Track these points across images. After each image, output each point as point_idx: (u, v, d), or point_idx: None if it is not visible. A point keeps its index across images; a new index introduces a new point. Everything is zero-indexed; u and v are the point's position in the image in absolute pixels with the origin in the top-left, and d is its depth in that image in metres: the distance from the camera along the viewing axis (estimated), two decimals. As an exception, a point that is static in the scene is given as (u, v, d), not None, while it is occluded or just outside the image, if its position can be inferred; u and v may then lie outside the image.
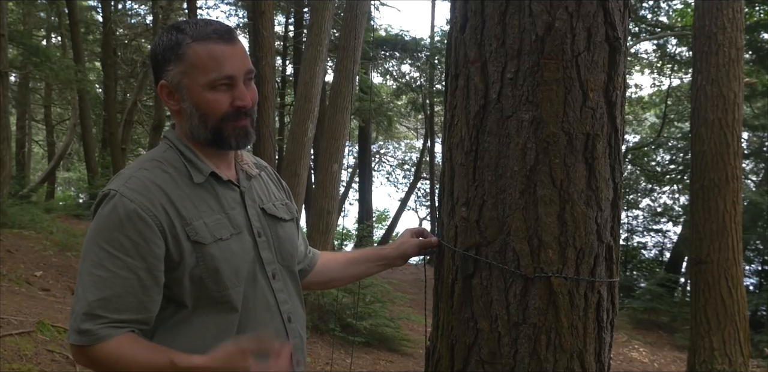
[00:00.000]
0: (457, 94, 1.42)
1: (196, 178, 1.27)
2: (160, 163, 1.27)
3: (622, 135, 1.39)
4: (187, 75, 1.24)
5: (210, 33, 1.24)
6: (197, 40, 1.23)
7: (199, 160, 1.29)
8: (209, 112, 1.25)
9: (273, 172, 1.53)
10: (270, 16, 8.06)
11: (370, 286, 6.93)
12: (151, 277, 1.18)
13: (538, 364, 1.29)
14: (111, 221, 1.18)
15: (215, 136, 1.27)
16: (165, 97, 1.29)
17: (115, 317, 1.16)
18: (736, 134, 5.10)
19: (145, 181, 1.22)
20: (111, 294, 1.15)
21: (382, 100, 17.90)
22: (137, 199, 1.19)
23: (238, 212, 1.31)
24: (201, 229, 1.23)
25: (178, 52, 1.24)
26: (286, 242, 1.40)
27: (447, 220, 1.44)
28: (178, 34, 1.25)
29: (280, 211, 1.42)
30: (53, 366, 3.81)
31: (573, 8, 1.28)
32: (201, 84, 1.24)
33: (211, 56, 1.23)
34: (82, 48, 14.09)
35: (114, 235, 1.17)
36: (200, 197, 1.27)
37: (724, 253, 5.00)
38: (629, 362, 8.06)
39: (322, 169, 7.52)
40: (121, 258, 1.16)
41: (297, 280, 1.43)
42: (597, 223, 1.32)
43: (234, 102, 1.26)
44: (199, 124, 1.27)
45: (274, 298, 1.33)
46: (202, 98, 1.24)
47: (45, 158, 21.22)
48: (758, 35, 11.39)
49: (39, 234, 8.07)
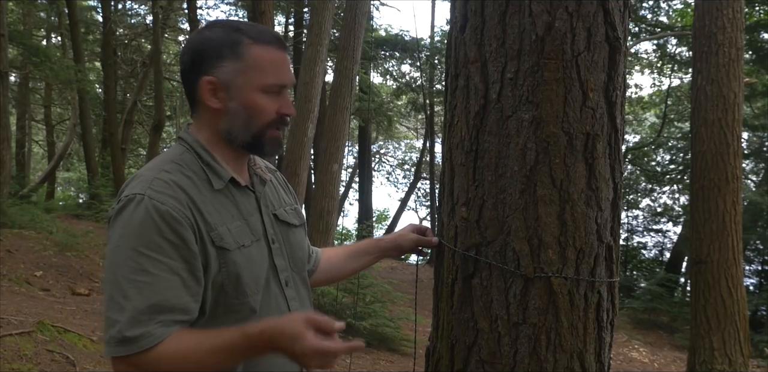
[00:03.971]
0: (457, 94, 1.42)
1: (216, 184, 1.24)
2: (180, 166, 1.23)
3: (622, 135, 1.39)
4: (244, 74, 1.22)
5: (271, 38, 1.24)
6: (258, 43, 1.23)
7: (218, 164, 1.26)
8: (257, 115, 1.24)
9: (281, 176, 1.51)
10: (270, 16, 8.05)
11: (370, 286, 6.93)
12: (194, 278, 1.15)
13: (538, 364, 1.28)
14: (145, 224, 1.13)
15: (255, 141, 1.26)
16: (207, 93, 1.24)
17: (165, 317, 1.12)
18: (736, 134, 5.10)
19: (171, 184, 1.18)
20: (160, 299, 1.11)
21: (382, 100, 17.91)
22: (168, 202, 1.15)
23: (256, 219, 1.30)
24: (226, 235, 1.21)
25: (237, 50, 1.22)
26: (297, 249, 1.39)
27: (447, 220, 1.44)
28: (234, 33, 1.23)
29: (291, 217, 1.40)
30: (53, 366, 3.81)
31: (573, 8, 1.28)
32: (257, 86, 1.22)
33: (272, 61, 1.23)
34: (82, 48, 14.10)
35: (152, 237, 1.13)
36: (221, 203, 1.24)
37: (724, 253, 5.00)
38: (629, 362, 8.06)
39: (322, 169, 7.53)
40: (164, 261, 1.12)
41: (308, 287, 1.42)
42: (597, 223, 1.32)
43: (281, 109, 1.25)
44: (242, 126, 1.25)
45: (287, 306, 1.31)
46: (254, 100, 1.23)
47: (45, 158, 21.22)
48: (758, 35, 11.39)
49: (39, 234, 8.07)
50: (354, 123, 16.56)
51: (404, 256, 1.81)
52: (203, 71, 1.23)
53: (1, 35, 8.64)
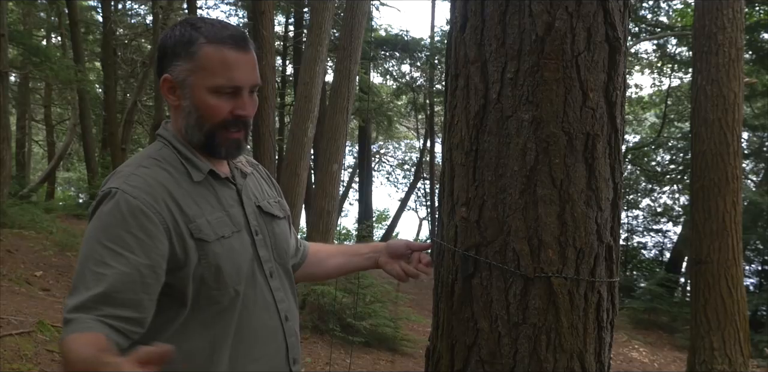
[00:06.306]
0: (457, 94, 1.42)
1: (195, 177, 1.26)
2: (158, 161, 1.26)
3: (622, 135, 1.39)
4: (194, 74, 1.23)
5: (226, 37, 1.23)
6: (211, 42, 1.22)
7: (197, 157, 1.28)
8: (207, 116, 1.24)
9: (263, 170, 1.53)
10: (270, 16, 8.05)
11: (370, 286, 6.93)
12: (154, 275, 1.15)
13: (538, 364, 1.28)
14: (113, 218, 1.15)
15: (207, 141, 1.26)
16: (166, 90, 1.27)
17: (110, 312, 1.10)
18: (736, 134, 5.10)
19: (147, 179, 1.20)
20: (111, 289, 1.10)
21: (382, 100, 17.91)
22: (140, 196, 1.17)
23: (237, 210, 1.31)
24: (204, 226, 1.22)
25: (189, 49, 1.22)
26: (281, 240, 1.40)
27: (447, 220, 1.44)
28: (192, 31, 1.23)
29: (275, 209, 1.41)
30: (53, 366, 3.81)
31: (573, 8, 1.28)
32: (206, 86, 1.23)
33: (223, 61, 1.22)
34: (82, 48, 14.09)
35: (117, 232, 1.14)
36: (201, 195, 1.26)
37: (724, 253, 5.00)
38: (629, 362, 8.06)
39: (322, 169, 7.53)
40: (125, 255, 1.13)
41: (292, 278, 1.43)
42: (597, 223, 1.32)
43: (235, 110, 1.24)
44: (194, 125, 1.26)
45: (272, 297, 1.32)
46: (204, 101, 1.23)
47: (45, 158, 21.20)
48: (758, 35, 11.39)
49: (39, 234, 8.06)
50: (354, 123, 16.56)
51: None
52: (163, 69, 1.26)
53: (1, 35, 8.64)
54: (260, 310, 1.29)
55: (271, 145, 7.71)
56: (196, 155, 1.28)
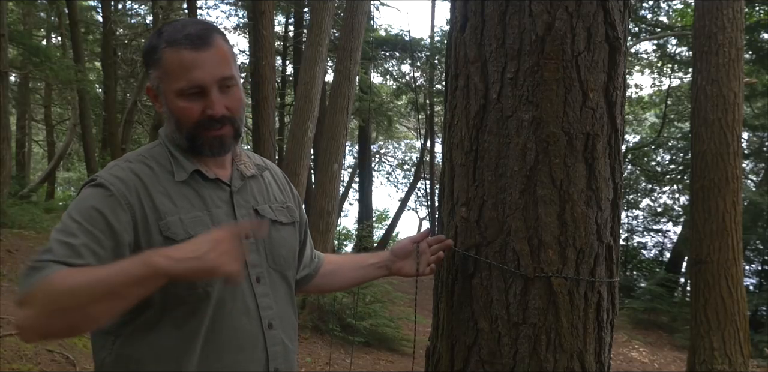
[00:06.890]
0: (457, 94, 1.42)
1: (177, 176, 1.27)
2: (145, 157, 1.28)
3: (622, 135, 1.39)
4: (163, 81, 1.24)
5: (181, 38, 1.21)
6: (169, 45, 1.22)
7: (184, 157, 1.29)
8: (182, 120, 1.25)
9: (281, 175, 1.50)
10: (270, 16, 8.06)
11: (370, 286, 6.92)
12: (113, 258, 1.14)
13: (538, 364, 1.28)
14: (87, 200, 1.18)
15: (190, 143, 1.27)
16: (152, 98, 1.31)
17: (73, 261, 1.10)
18: (736, 134, 5.10)
19: (127, 171, 1.23)
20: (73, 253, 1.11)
21: (382, 100, 17.91)
22: (116, 185, 1.20)
23: (224, 211, 1.29)
24: (175, 224, 1.21)
25: (154, 56, 1.24)
26: (280, 246, 1.36)
27: (447, 220, 1.44)
28: (157, 38, 1.24)
29: (277, 214, 1.38)
30: (53, 366, 3.82)
31: (573, 8, 1.28)
32: (173, 91, 1.23)
33: (180, 63, 1.21)
34: (82, 48, 14.09)
35: (89, 211, 1.16)
36: (181, 194, 1.26)
37: (724, 253, 5.00)
38: (629, 362, 8.06)
39: (322, 169, 7.53)
40: (90, 229, 1.14)
41: (289, 286, 1.39)
42: (597, 223, 1.32)
43: (205, 110, 1.24)
44: (176, 129, 1.27)
45: (255, 303, 1.29)
46: (175, 105, 1.24)
47: (45, 158, 21.21)
48: (758, 35, 11.39)
49: (39, 234, 8.06)
50: (354, 123, 16.56)
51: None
52: (148, 78, 1.30)
53: (1, 35, 8.64)
54: (238, 315, 1.26)
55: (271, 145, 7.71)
56: (184, 155, 1.29)
